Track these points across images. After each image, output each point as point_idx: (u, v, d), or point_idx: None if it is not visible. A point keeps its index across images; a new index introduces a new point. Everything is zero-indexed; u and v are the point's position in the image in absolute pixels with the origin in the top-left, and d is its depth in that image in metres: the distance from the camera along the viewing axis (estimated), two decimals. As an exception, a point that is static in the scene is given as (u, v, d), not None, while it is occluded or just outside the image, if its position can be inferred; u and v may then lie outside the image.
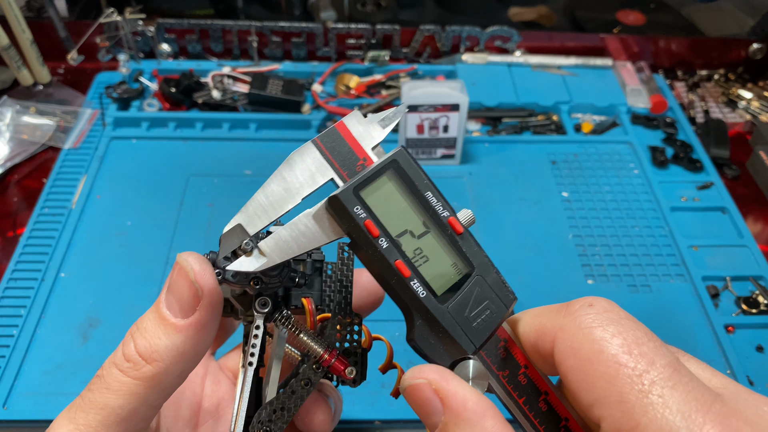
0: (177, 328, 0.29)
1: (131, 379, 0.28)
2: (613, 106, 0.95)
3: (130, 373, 0.28)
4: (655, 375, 0.24)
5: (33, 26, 0.90)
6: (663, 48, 1.06)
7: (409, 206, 0.30)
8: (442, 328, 0.29)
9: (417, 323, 0.29)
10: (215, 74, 0.93)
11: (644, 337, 0.26)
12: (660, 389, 0.23)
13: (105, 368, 0.29)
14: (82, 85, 0.95)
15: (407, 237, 0.30)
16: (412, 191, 0.30)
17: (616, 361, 0.24)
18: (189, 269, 0.29)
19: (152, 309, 0.30)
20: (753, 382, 0.63)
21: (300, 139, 0.88)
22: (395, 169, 0.30)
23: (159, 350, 0.28)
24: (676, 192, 0.84)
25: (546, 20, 1.17)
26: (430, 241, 0.30)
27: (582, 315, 0.26)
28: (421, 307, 0.29)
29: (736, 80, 1.05)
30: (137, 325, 0.29)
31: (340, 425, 0.59)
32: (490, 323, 0.30)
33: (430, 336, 0.29)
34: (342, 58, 1.03)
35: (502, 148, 0.88)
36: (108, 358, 0.29)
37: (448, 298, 0.29)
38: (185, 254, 0.30)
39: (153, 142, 0.87)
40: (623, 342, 0.25)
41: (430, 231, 0.30)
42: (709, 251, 0.77)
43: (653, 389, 0.23)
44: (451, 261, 0.30)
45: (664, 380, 0.24)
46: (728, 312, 0.70)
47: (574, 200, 0.82)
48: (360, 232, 0.29)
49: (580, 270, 0.74)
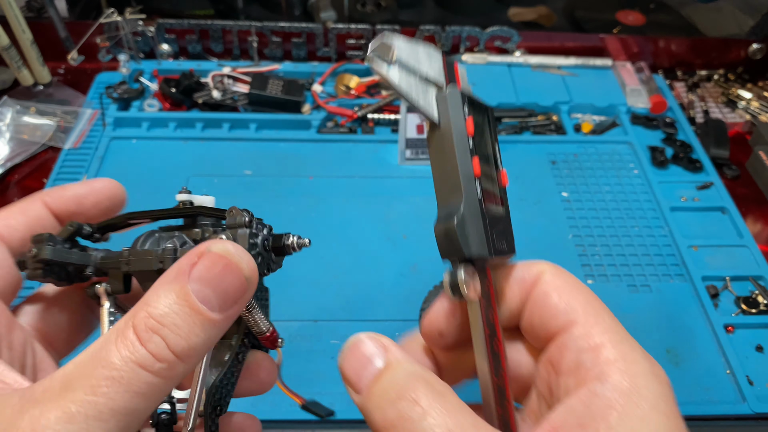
0: (214, 323, 0.27)
1: (163, 380, 0.25)
2: (612, 107, 0.95)
3: (163, 374, 0.25)
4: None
5: (33, 26, 0.90)
6: (663, 48, 1.06)
7: (489, 141, 0.34)
8: (479, 225, 0.31)
9: (462, 212, 0.30)
10: (215, 74, 0.93)
11: None
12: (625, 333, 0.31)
13: (123, 369, 0.25)
14: (83, 86, 0.95)
15: (482, 155, 0.33)
16: (491, 134, 0.35)
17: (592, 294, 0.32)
18: (240, 263, 0.27)
19: (177, 300, 0.26)
20: (753, 382, 0.63)
21: (300, 139, 0.88)
22: (489, 112, 0.35)
23: (197, 348, 0.26)
24: (675, 192, 0.84)
25: (546, 20, 1.18)
26: (490, 172, 0.34)
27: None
28: (473, 202, 0.31)
29: (735, 80, 1.05)
30: (158, 320, 0.26)
31: (340, 425, 0.59)
32: (503, 251, 0.33)
33: (466, 227, 0.31)
34: (342, 58, 1.03)
35: (502, 148, 0.88)
36: (119, 357, 0.25)
37: (488, 212, 0.32)
38: (226, 243, 0.28)
39: (153, 142, 0.87)
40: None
41: (490, 167, 0.34)
42: (709, 251, 0.77)
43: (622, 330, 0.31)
44: (496, 195, 0.34)
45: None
46: (728, 312, 0.70)
47: (574, 200, 0.82)
48: (459, 123, 0.31)
49: (580, 270, 0.74)
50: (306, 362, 0.63)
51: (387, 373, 0.29)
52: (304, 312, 0.67)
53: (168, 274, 0.27)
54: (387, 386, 0.28)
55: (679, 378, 0.63)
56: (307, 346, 0.64)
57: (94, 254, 0.32)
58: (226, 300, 0.27)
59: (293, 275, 0.70)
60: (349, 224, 0.77)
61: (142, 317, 0.25)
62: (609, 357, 0.28)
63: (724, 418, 0.61)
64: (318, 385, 0.61)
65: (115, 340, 0.25)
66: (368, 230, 0.76)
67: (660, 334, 0.67)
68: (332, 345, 0.64)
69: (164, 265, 0.30)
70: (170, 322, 0.25)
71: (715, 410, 0.61)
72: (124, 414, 0.24)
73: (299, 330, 0.66)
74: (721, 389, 0.63)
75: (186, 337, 0.26)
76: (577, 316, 0.30)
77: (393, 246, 0.75)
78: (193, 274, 0.26)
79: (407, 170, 0.85)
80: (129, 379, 0.24)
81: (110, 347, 0.25)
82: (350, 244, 0.75)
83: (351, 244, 0.75)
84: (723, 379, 0.64)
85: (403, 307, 0.68)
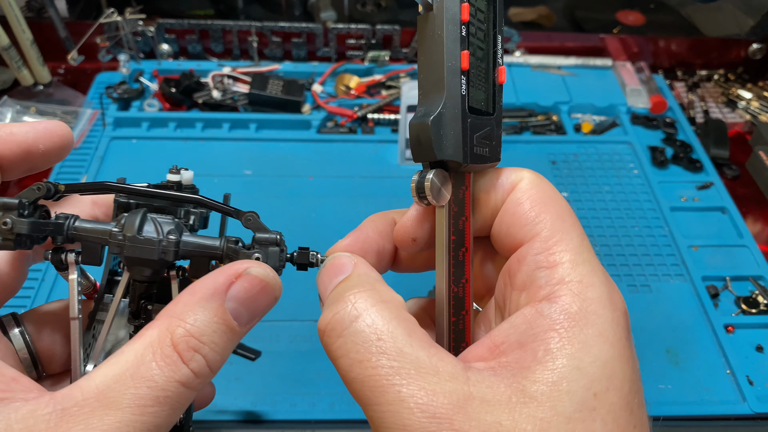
0: (239, 336, 0.28)
1: (195, 393, 0.26)
2: (612, 107, 0.95)
3: (198, 388, 0.26)
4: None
5: (33, 26, 0.90)
6: (663, 48, 1.06)
7: (487, 32, 0.32)
8: (456, 127, 0.29)
9: (440, 110, 0.29)
10: (215, 74, 0.93)
11: None
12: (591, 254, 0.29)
13: (169, 390, 0.25)
14: (83, 86, 0.95)
15: (474, 48, 0.31)
16: (494, 24, 0.32)
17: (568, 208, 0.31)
18: (275, 287, 0.29)
19: (215, 319, 0.27)
20: (753, 382, 0.63)
21: (300, 139, 0.88)
22: (498, 3, 0.32)
23: (225, 359, 0.27)
24: (675, 192, 0.84)
25: (546, 20, 1.18)
26: (482, 68, 0.32)
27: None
28: (454, 99, 0.29)
29: (735, 80, 1.05)
30: (199, 339, 0.26)
31: (340, 425, 0.59)
32: (483, 159, 0.31)
33: (443, 127, 0.29)
34: (342, 58, 1.03)
35: (502, 148, 0.88)
36: (164, 377, 0.25)
37: (472, 113, 0.30)
38: (265, 268, 0.29)
39: (153, 142, 0.87)
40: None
41: (485, 62, 0.32)
42: (709, 251, 0.77)
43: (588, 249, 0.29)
44: (485, 95, 0.32)
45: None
46: (728, 312, 0.70)
47: (574, 200, 0.82)
48: (454, 6, 0.29)
49: (580, 270, 0.74)
50: (306, 362, 0.63)
51: (343, 280, 0.29)
52: (304, 312, 0.67)
53: (203, 289, 0.27)
54: (338, 289, 0.29)
55: (679, 378, 0.63)
56: (307, 346, 0.64)
57: (65, 221, 0.31)
58: (255, 317, 0.28)
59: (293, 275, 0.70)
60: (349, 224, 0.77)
61: (182, 335, 0.25)
62: (564, 277, 0.27)
63: (724, 418, 0.61)
64: (318, 385, 0.61)
65: (154, 357, 0.25)
66: (368, 230, 0.76)
67: (660, 334, 0.67)
68: (332, 345, 0.64)
69: (167, 257, 0.30)
70: (209, 340, 0.26)
71: (715, 410, 0.61)
72: (161, 427, 0.25)
73: (299, 330, 0.66)
74: (721, 389, 0.63)
75: (222, 353, 0.27)
76: (542, 228, 0.29)
77: (393, 246, 0.75)
78: (231, 293, 0.27)
79: (407, 170, 0.85)
80: (174, 399, 0.25)
81: (151, 365, 0.25)
82: (350, 244, 0.75)
83: (351, 244, 0.75)
84: (723, 379, 0.64)
85: (403, 307, 0.68)
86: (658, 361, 0.65)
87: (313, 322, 0.66)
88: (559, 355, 0.24)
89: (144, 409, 0.24)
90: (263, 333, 0.65)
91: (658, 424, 0.61)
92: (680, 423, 0.60)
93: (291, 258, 0.34)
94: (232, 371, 0.61)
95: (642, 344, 0.66)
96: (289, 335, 0.65)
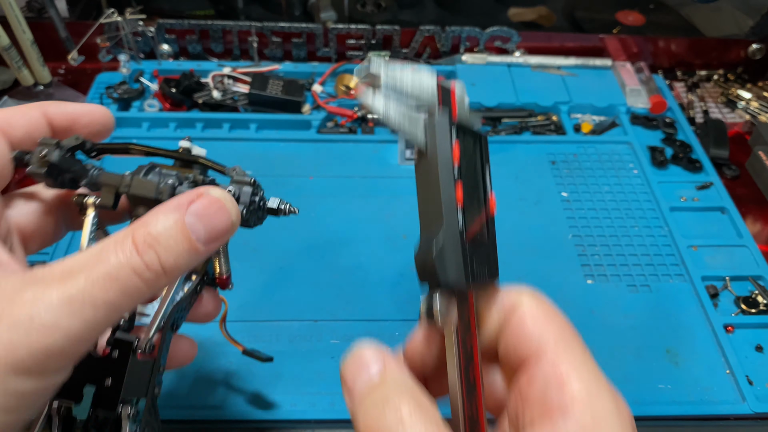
0: (198, 252, 0.31)
1: (147, 288, 0.29)
2: (612, 107, 0.96)
3: (149, 283, 0.29)
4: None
5: (33, 26, 0.90)
6: (662, 48, 1.06)
7: (477, 167, 0.35)
8: (458, 256, 0.31)
9: (441, 240, 0.31)
10: (215, 74, 0.93)
11: None
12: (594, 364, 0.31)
13: (120, 271, 0.28)
14: (83, 86, 0.95)
15: (467, 185, 0.33)
16: (482, 161, 0.35)
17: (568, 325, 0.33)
18: (231, 209, 0.33)
19: (173, 226, 0.30)
20: (752, 382, 0.63)
21: (300, 139, 0.88)
22: (481, 140, 0.35)
23: (180, 268, 0.31)
24: (675, 192, 0.84)
25: (546, 21, 1.18)
26: (476, 201, 0.34)
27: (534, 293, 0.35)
28: (453, 232, 0.31)
29: (735, 80, 1.05)
30: (155, 238, 0.29)
31: (340, 425, 0.59)
32: (483, 279, 0.34)
33: (445, 256, 0.32)
34: (342, 58, 1.03)
35: (502, 148, 0.89)
36: (117, 260, 0.28)
37: (470, 242, 0.33)
38: (223, 192, 0.34)
39: (153, 143, 0.86)
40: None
41: (476, 195, 0.34)
42: (709, 251, 0.77)
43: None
44: (481, 224, 0.34)
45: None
46: (728, 312, 0.70)
47: (574, 200, 0.83)
48: (446, 150, 0.32)
49: (580, 270, 0.74)
50: (306, 362, 0.63)
51: (379, 382, 0.31)
52: (304, 312, 0.67)
53: (168, 204, 0.31)
54: (376, 394, 0.30)
55: (678, 378, 0.63)
56: (307, 346, 0.64)
57: (91, 170, 0.37)
58: (211, 236, 0.32)
59: (293, 275, 0.71)
60: (349, 224, 0.77)
61: (142, 233, 0.30)
62: (573, 391, 0.29)
63: (724, 418, 0.61)
64: (318, 385, 0.61)
65: (115, 247, 0.29)
66: (368, 230, 0.76)
67: (660, 334, 0.67)
68: (332, 345, 0.65)
69: (162, 197, 0.36)
70: (165, 242, 0.30)
71: (714, 410, 0.61)
72: (111, 307, 0.28)
73: (299, 330, 0.66)
74: (721, 389, 0.63)
75: (174, 257, 0.30)
76: (547, 345, 0.31)
77: (393, 246, 0.75)
78: (191, 208, 0.31)
79: (407, 170, 0.85)
80: (123, 280, 0.28)
81: (110, 251, 0.29)
82: (350, 244, 0.75)
83: (351, 244, 0.75)
84: (722, 379, 0.64)
85: (403, 307, 0.68)
86: (658, 361, 0.65)
87: (313, 323, 0.67)
88: None
89: (95, 282, 0.27)
90: (263, 333, 0.65)
91: (657, 424, 0.61)
92: (680, 423, 0.60)
93: (263, 204, 0.41)
94: (233, 371, 0.61)
95: (641, 344, 0.66)
96: (289, 335, 0.65)
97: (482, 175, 0.35)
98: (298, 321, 0.67)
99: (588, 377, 0.30)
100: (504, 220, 0.79)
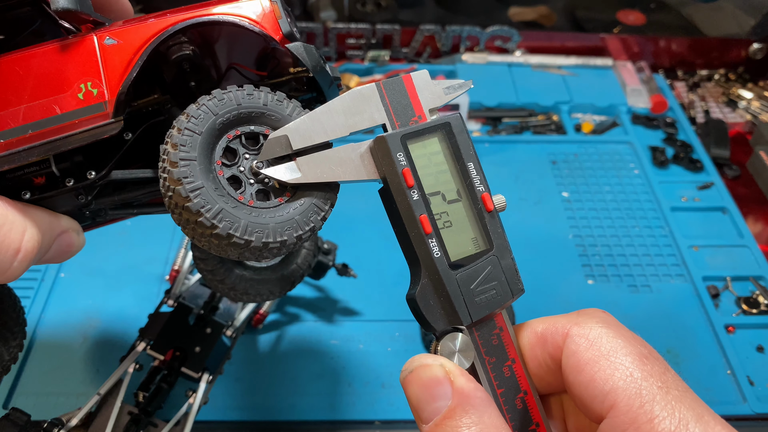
0: None
1: None
2: (613, 106, 0.95)
3: None
4: (671, 377, 0.27)
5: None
6: (663, 48, 1.06)
7: (449, 170, 0.31)
8: (445, 292, 0.30)
9: (422, 281, 0.30)
10: (215, 74, 0.93)
11: (647, 346, 0.29)
12: (677, 391, 0.26)
13: None
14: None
15: (438, 198, 0.31)
16: (456, 157, 0.31)
17: (638, 356, 0.27)
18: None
19: None
20: (753, 383, 0.63)
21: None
22: (446, 132, 0.31)
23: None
24: (676, 192, 0.84)
25: (546, 20, 1.17)
26: (459, 209, 0.31)
27: (596, 315, 0.29)
28: (431, 266, 0.30)
29: (736, 80, 1.05)
30: None
31: (340, 425, 0.59)
32: (492, 304, 0.30)
33: (431, 297, 0.30)
34: (342, 58, 1.03)
35: (503, 148, 0.88)
36: None
37: (460, 266, 0.30)
38: None
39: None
40: (641, 344, 0.28)
41: (461, 200, 0.31)
42: (710, 251, 0.77)
43: (672, 389, 0.26)
44: (473, 234, 0.31)
45: (678, 383, 0.27)
46: (728, 312, 0.70)
47: (575, 200, 0.82)
48: (395, 178, 0.30)
49: (580, 270, 0.73)
50: (306, 362, 0.63)
51: (455, 414, 0.28)
52: (304, 312, 0.67)
53: None
54: (459, 423, 0.27)
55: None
56: (307, 346, 0.64)
57: None
58: None
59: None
60: (349, 225, 0.77)
61: None
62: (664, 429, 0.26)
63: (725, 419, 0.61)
64: (318, 385, 0.61)
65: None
66: (368, 230, 0.76)
67: (660, 334, 0.67)
68: (332, 345, 0.64)
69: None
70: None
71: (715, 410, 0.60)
72: None
73: (299, 331, 0.66)
74: (722, 389, 0.63)
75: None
76: (617, 398, 0.27)
77: (393, 246, 0.75)
78: None
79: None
80: None
81: None
82: (350, 244, 0.75)
83: (351, 244, 0.75)
84: (724, 380, 0.64)
85: (403, 307, 0.68)
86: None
87: (313, 323, 0.66)
88: None
89: None
90: (263, 334, 0.65)
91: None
92: (681, 423, 0.60)
93: None
94: (233, 372, 0.61)
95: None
96: (290, 336, 0.65)
97: (463, 175, 0.31)
98: (299, 321, 0.66)
99: (669, 413, 0.27)
100: (504, 220, 0.79)
